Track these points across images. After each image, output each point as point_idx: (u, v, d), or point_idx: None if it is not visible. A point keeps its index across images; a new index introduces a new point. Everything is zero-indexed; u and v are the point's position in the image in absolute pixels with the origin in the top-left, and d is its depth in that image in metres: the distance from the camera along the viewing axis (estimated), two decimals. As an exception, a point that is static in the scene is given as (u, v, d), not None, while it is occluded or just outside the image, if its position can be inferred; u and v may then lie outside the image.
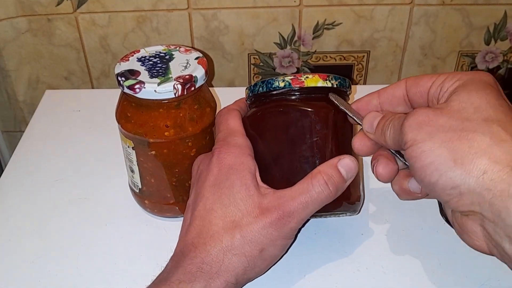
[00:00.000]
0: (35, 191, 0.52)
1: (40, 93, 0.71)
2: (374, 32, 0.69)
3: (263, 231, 0.37)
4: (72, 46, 0.69)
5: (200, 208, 0.38)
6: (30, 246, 0.46)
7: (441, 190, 0.32)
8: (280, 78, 0.40)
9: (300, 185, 0.37)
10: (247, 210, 0.37)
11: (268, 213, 0.37)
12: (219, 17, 0.67)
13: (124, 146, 0.46)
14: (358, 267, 0.44)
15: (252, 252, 0.37)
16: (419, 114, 0.33)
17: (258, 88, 0.42)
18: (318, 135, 0.40)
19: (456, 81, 0.35)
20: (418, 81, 0.38)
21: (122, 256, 0.45)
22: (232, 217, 0.37)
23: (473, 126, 0.31)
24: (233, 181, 0.38)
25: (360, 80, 0.74)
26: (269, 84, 0.41)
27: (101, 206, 0.50)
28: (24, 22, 0.67)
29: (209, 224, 0.37)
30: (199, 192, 0.39)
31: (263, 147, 0.41)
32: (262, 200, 0.38)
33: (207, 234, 0.37)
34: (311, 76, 0.40)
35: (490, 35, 0.70)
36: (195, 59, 0.44)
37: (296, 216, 0.37)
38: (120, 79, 0.42)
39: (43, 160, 0.56)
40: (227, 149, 0.40)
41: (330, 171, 0.37)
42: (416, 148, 0.32)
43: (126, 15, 0.67)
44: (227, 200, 0.38)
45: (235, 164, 0.39)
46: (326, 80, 0.41)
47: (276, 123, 0.41)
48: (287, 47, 0.71)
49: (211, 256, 0.36)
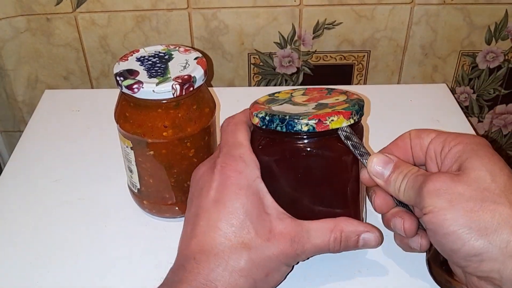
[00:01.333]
0: (34, 191, 0.52)
1: (39, 93, 0.71)
2: (375, 32, 0.69)
3: (272, 256, 0.37)
4: (71, 46, 0.69)
5: (203, 224, 0.37)
6: (28, 247, 0.46)
7: (462, 257, 0.33)
8: (301, 119, 0.37)
9: (320, 229, 0.38)
10: (258, 233, 0.37)
11: (282, 241, 0.37)
12: (219, 17, 0.67)
13: (123, 146, 0.46)
14: (359, 267, 0.44)
15: (259, 275, 0.36)
16: (437, 180, 0.34)
17: (275, 126, 0.38)
18: (339, 179, 0.40)
19: (459, 144, 0.37)
20: (420, 134, 0.40)
21: (121, 257, 0.45)
22: (241, 238, 0.36)
23: (493, 197, 0.33)
24: (243, 203, 0.37)
25: (360, 80, 0.74)
26: (290, 126, 0.37)
27: (100, 206, 0.50)
28: (23, 21, 0.67)
29: (212, 241, 0.36)
30: (201, 207, 0.38)
31: (279, 186, 0.40)
32: (276, 224, 0.37)
33: (210, 252, 0.36)
34: (336, 118, 0.37)
35: (491, 34, 0.70)
36: (194, 59, 0.44)
37: (306, 255, 0.38)
38: (118, 79, 0.42)
39: (42, 160, 0.56)
40: (232, 164, 0.38)
41: (350, 235, 0.39)
42: (438, 215, 0.34)
43: (126, 14, 0.67)
44: (235, 220, 0.37)
45: (243, 185, 0.38)
46: (350, 118, 0.38)
47: (296, 165, 0.39)
48: (287, 46, 0.71)
49: (215, 274, 0.35)
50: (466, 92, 0.76)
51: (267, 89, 0.73)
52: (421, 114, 0.63)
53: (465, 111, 0.77)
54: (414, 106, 0.64)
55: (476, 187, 0.33)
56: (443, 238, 0.34)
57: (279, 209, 0.38)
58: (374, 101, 0.63)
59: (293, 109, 0.40)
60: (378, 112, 0.62)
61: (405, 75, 0.74)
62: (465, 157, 0.35)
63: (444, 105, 0.65)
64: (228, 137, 0.41)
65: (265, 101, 0.43)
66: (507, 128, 0.80)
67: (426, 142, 0.39)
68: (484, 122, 0.80)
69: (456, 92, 0.76)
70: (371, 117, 0.61)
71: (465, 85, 0.76)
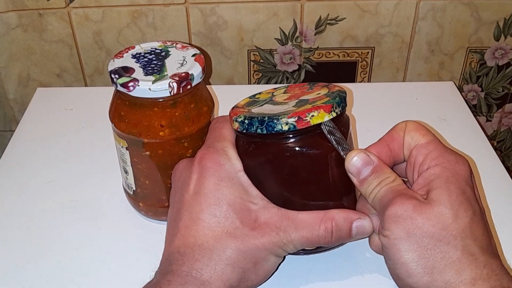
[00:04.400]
0: (25, 193, 0.52)
1: (31, 91, 0.71)
2: (379, 28, 0.69)
3: (259, 244, 0.37)
4: (64, 42, 0.69)
5: (186, 218, 0.38)
6: (20, 250, 0.46)
7: (405, 284, 0.36)
8: (281, 118, 0.37)
9: (308, 219, 0.38)
10: (242, 222, 0.37)
11: (268, 229, 0.37)
12: (217, 12, 0.67)
13: (118, 146, 0.46)
14: (362, 271, 0.44)
15: (247, 264, 0.37)
16: (401, 207, 0.35)
17: (255, 129, 0.38)
18: (328, 175, 0.40)
19: (437, 166, 0.37)
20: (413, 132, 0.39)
21: (116, 261, 0.45)
22: (225, 227, 0.37)
23: (449, 238, 0.34)
24: (224, 194, 0.38)
25: (364, 77, 0.74)
26: (270, 127, 0.37)
27: (94, 208, 0.50)
28: (14, 17, 0.67)
29: (195, 233, 0.37)
30: (182, 201, 0.39)
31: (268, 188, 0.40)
32: (261, 213, 0.38)
33: (194, 244, 0.37)
34: (316, 112, 0.37)
35: (500, 30, 0.70)
36: (192, 56, 0.44)
37: (294, 245, 0.38)
38: (113, 77, 0.42)
39: (34, 161, 0.56)
40: (213, 156, 0.39)
41: (342, 223, 0.38)
42: (393, 242, 0.35)
43: (121, 9, 0.67)
44: (218, 211, 0.37)
45: (224, 176, 0.38)
46: (332, 111, 0.38)
47: (282, 166, 0.39)
48: (288, 43, 0.71)
49: (200, 264, 0.36)
50: (474, 90, 0.76)
51: (268, 87, 0.73)
52: (427, 113, 0.63)
53: (473, 110, 0.78)
54: (420, 104, 0.64)
55: (435, 222, 0.34)
56: (393, 265, 0.36)
57: (264, 199, 0.39)
58: (379, 100, 0.63)
59: (273, 109, 0.40)
60: (382, 110, 0.62)
61: (410, 73, 0.74)
62: (436, 185, 0.36)
63: (451, 103, 0.65)
64: (213, 132, 0.42)
65: (245, 104, 0.43)
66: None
67: (413, 144, 0.39)
68: (492, 122, 0.80)
69: (464, 90, 0.76)
70: (375, 116, 0.61)
71: (473, 83, 0.76)
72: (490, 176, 0.53)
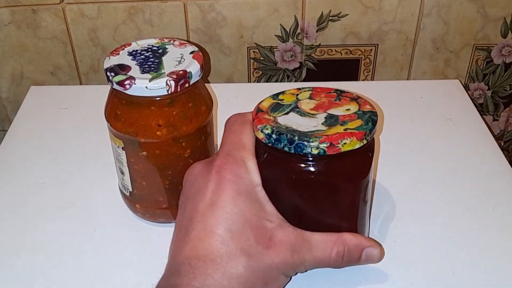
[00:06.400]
0: (18, 195, 0.52)
1: (24, 89, 0.71)
2: (383, 24, 0.69)
3: (272, 264, 0.37)
4: (58, 39, 0.69)
5: (199, 229, 0.37)
6: (13, 254, 0.46)
7: None
8: (312, 141, 0.37)
9: (322, 242, 0.39)
10: (257, 240, 0.37)
11: (282, 249, 0.37)
12: (216, 8, 0.67)
13: (114, 146, 0.46)
14: (365, 276, 0.44)
15: (257, 284, 0.37)
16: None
17: (282, 146, 0.38)
18: (348, 200, 0.41)
19: None
20: None
21: (112, 264, 0.45)
22: (239, 244, 0.37)
23: None
24: (242, 209, 0.37)
25: (367, 75, 0.74)
26: (299, 149, 0.37)
27: (90, 210, 0.50)
28: (7, 13, 0.67)
29: (209, 247, 0.36)
30: (196, 210, 0.38)
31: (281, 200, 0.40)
32: (277, 232, 0.38)
33: (207, 258, 0.36)
34: (349, 140, 0.37)
35: (507, 27, 0.70)
36: (190, 54, 0.44)
37: (306, 266, 0.39)
38: (109, 75, 0.42)
39: (27, 161, 0.56)
40: (233, 167, 0.38)
41: (353, 249, 0.40)
42: None
43: (117, 5, 0.67)
44: (234, 226, 0.37)
45: (243, 190, 0.38)
46: (363, 139, 0.38)
47: (304, 187, 0.40)
48: (289, 40, 0.71)
49: (212, 280, 0.35)
50: (481, 89, 0.76)
51: (268, 85, 0.73)
52: (432, 113, 0.63)
53: (479, 109, 0.77)
54: (424, 103, 0.64)
55: None
56: None
57: (280, 217, 0.39)
58: (382, 98, 0.63)
59: (301, 122, 0.39)
60: (386, 110, 0.62)
61: (415, 71, 0.74)
62: None
63: (456, 102, 0.65)
64: (232, 136, 0.40)
65: (269, 108, 0.42)
66: (524, 127, 0.81)
67: None
68: (499, 121, 0.80)
69: (470, 88, 0.76)
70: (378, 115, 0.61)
71: (479, 81, 0.76)
72: (497, 177, 0.53)
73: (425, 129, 0.60)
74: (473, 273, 0.44)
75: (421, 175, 0.54)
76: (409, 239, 0.47)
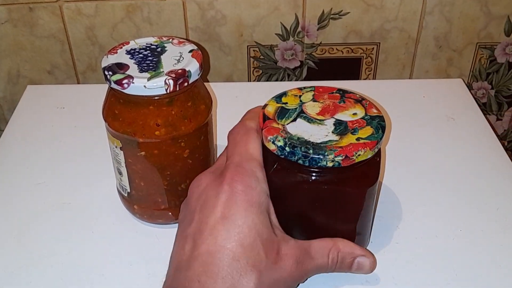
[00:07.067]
0: (15, 195, 0.52)
1: (21, 88, 0.71)
2: (385, 22, 0.69)
3: (281, 279, 0.37)
4: (56, 38, 0.69)
5: (209, 243, 0.37)
6: (9, 255, 0.46)
7: None
8: (327, 155, 0.37)
9: (319, 249, 0.40)
10: (267, 255, 0.37)
11: (288, 263, 0.38)
12: (215, 6, 0.67)
13: (112, 146, 0.46)
14: (367, 277, 0.44)
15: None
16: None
17: (296, 160, 0.38)
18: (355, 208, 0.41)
19: None
20: None
21: (110, 266, 0.45)
22: (251, 259, 0.36)
23: None
24: (255, 222, 0.37)
25: (369, 74, 0.74)
26: (314, 162, 0.37)
27: (87, 211, 0.50)
28: (3, 11, 0.67)
29: (220, 262, 0.36)
30: (206, 223, 0.37)
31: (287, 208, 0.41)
32: (282, 245, 0.38)
33: (217, 275, 0.35)
34: (362, 151, 0.38)
35: (510, 25, 0.70)
36: (189, 52, 0.44)
37: (307, 276, 0.40)
38: (107, 73, 0.42)
39: (24, 161, 0.56)
40: (244, 179, 0.38)
41: (345, 257, 0.41)
42: None
43: (115, 4, 0.67)
44: (246, 240, 0.36)
45: (254, 202, 0.38)
46: (375, 147, 0.39)
47: (313, 196, 0.40)
48: (290, 38, 0.71)
49: None
50: (484, 88, 0.76)
51: (268, 84, 0.73)
52: (434, 112, 0.63)
53: (483, 108, 0.77)
54: (427, 103, 0.64)
55: None
56: None
57: (280, 229, 0.40)
58: (384, 97, 0.63)
59: (311, 131, 0.39)
60: (388, 109, 0.61)
61: (417, 69, 0.74)
62: None
63: (459, 101, 0.65)
64: (238, 147, 0.40)
65: (275, 114, 0.41)
66: (527, 126, 0.81)
67: None
68: (503, 120, 0.80)
69: (473, 87, 0.76)
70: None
71: (483, 80, 0.75)
72: (501, 177, 0.53)
73: (427, 129, 0.60)
74: (476, 274, 0.44)
75: (424, 175, 0.54)
76: (411, 241, 0.47)
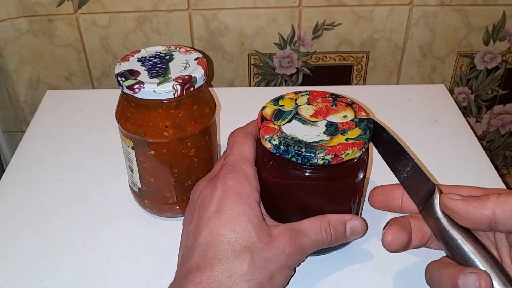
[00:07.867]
0: (36, 191, 0.52)
1: (41, 93, 0.71)
2: (374, 33, 0.69)
3: (274, 257, 0.37)
4: (72, 47, 0.69)
5: (206, 234, 0.37)
6: (31, 245, 0.46)
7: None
8: (318, 153, 0.37)
9: (311, 225, 0.39)
10: (259, 236, 0.37)
11: (282, 240, 0.38)
12: (219, 18, 0.67)
13: (124, 146, 0.46)
14: (357, 266, 0.44)
15: (262, 278, 0.36)
16: None
17: (290, 157, 0.38)
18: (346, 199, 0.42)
19: None
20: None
21: (122, 256, 0.45)
22: (243, 241, 0.37)
23: None
24: (244, 210, 0.38)
25: (359, 80, 0.74)
26: (306, 159, 0.38)
27: (101, 205, 0.50)
28: (25, 22, 0.67)
29: (215, 248, 0.36)
30: (202, 218, 0.38)
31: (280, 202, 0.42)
32: (273, 229, 0.38)
33: (214, 259, 0.36)
34: (351, 151, 0.38)
35: (489, 35, 0.70)
36: (194, 60, 0.44)
37: (305, 252, 0.39)
38: (120, 79, 0.42)
39: (44, 160, 0.56)
40: (234, 176, 0.39)
41: (337, 224, 0.40)
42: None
43: (127, 15, 0.67)
44: (237, 226, 0.37)
45: (243, 194, 0.39)
46: (363, 147, 0.39)
47: (305, 191, 0.41)
48: (287, 47, 0.71)
49: (218, 282, 0.35)
50: (464, 93, 0.76)
51: (267, 89, 0.73)
52: (419, 114, 0.63)
53: (463, 111, 0.77)
54: (412, 106, 0.64)
55: None
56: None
57: (271, 219, 0.40)
58: (373, 102, 0.63)
59: (305, 132, 0.40)
60: (377, 112, 0.62)
61: (403, 76, 0.74)
62: None
63: (442, 105, 0.65)
64: (234, 148, 0.42)
65: (272, 115, 0.42)
66: (504, 128, 0.81)
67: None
68: (482, 122, 0.80)
69: (454, 92, 0.76)
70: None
71: (463, 86, 0.76)
72: (480, 175, 0.53)
73: (412, 130, 0.60)
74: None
75: (409, 173, 0.54)
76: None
